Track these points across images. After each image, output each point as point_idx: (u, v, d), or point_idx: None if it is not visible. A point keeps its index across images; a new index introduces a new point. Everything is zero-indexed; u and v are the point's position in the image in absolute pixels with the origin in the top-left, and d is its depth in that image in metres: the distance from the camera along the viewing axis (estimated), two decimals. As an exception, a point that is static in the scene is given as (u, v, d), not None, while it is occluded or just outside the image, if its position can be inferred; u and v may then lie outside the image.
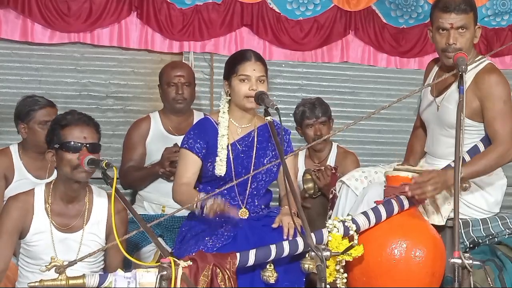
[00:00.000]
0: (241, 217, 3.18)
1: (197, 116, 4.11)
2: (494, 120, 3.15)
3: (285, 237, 2.96)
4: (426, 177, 3.03)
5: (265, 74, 3.22)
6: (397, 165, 3.30)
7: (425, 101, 3.42)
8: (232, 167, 3.21)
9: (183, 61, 4.91)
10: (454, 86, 3.22)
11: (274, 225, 3.03)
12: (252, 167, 3.22)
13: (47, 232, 3.04)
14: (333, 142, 4.41)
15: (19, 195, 3.13)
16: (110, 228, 3.11)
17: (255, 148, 3.27)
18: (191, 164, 3.22)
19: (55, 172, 3.23)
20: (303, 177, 4.10)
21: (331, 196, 3.49)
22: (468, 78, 3.17)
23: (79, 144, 2.96)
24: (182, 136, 3.39)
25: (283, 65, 5.23)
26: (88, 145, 2.97)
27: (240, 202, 3.23)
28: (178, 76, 4.17)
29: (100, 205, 3.12)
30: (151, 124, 4.19)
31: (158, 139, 4.14)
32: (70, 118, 3.01)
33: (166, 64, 4.46)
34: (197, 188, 3.27)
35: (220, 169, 3.18)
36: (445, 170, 3.08)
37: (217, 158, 3.19)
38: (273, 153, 3.28)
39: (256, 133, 3.29)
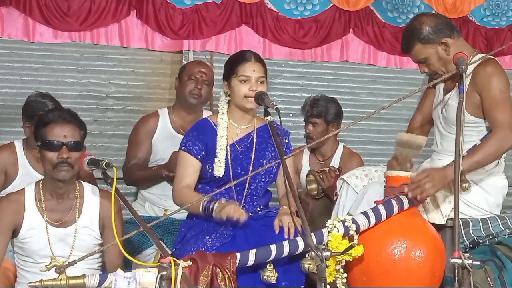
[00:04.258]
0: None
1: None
2: (492, 108, 3.15)
3: (286, 237, 2.97)
4: (423, 175, 3.03)
5: (265, 75, 3.22)
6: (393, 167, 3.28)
7: (436, 100, 3.45)
8: (230, 168, 3.20)
9: (183, 60, 4.92)
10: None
11: (276, 231, 3.02)
12: (251, 168, 3.21)
13: (40, 228, 3.05)
14: (339, 142, 4.41)
15: (10, 195, 3.18)
16: (104, 223, 3.13)
17: (254, 149, 3.27)
18: (190, 167, 3.22)
19: None
20: (306, 178, 4.09)
21: (335, 198, 3.49)
22: (468, 74, 3.18)
23: (59, 143, 2.98)
24: None
25: (283, 65, 5.24)
26: (68, 144, 2.98)
27: (238, 202, 3.23)
28: (201, 72, 4.15)
29: (92, 198, 3.14)
30: (159, 121, 4.15)
31: (165, 137, 4.10)
32: (51, 116, 3.04)
33: (190, 61, 4.53)
34: (197, 189, 3.26)
35: (219, 170, 3.18)
36: (443, 167, 3.08)
37: (216, 159, 3.18)
38: (272, 154, 3.28)
39: (255, 134, 3.29)
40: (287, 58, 5.24)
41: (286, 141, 3.35)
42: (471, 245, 3.23)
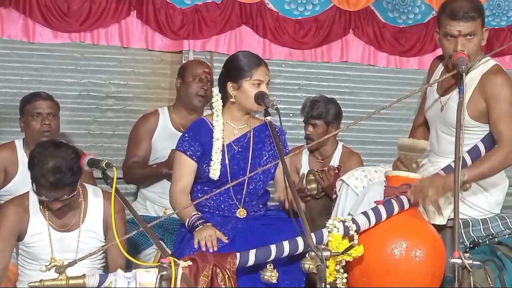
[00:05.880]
0: (238, 216, 3.20)
1: None
2: (499, 121, 3.15)
3: (286, 206, 3.03)
4: (427, 182, 3.03)
5: None
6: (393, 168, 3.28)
7: (430, 99, 3.42)
8: (228, 168, 3.20)
9: (183, 60, 4.91)
10: None
11: (279, 197, 3.13)
12: (248, 167, 3.22)
13: (45, 233, 3.05)
14: (339, 142, 4.41)
15: (14, 199, 3.17)
16: (107, 224, 3.13)
17: (251, 149, 3.26)
18: (185, 168, 3.21)
19: None
20: (306, 177, 4.09)
21: (334, 196, 3.49)
22: (475, 79, 3.18)
23: (48, 199, 2.97)
24: None
25: (283, 65, 5.24)
26: (58, 199, 2.97)
27: (236, 201, 3.23)
28: (205, 72, 4.13)
29: (96, 202, 3.14)
30: (160, 119, 4.13)
31: (165, 135, 4.08)
32: (46, 173, 2.92)
33: (189, 60, 4.51)
34: (195, 189, 3.27)
35: (214, 173, 3.17)
36: (446, 175, 3.08)
37: (211, 162, 3.18)
38: (270, 153, 3.28)
39: (252, 134, 3.28)
40: (287, 58, 5.23)
41: (283, 140, 3.34)
42: (471, 245, 3.23)
